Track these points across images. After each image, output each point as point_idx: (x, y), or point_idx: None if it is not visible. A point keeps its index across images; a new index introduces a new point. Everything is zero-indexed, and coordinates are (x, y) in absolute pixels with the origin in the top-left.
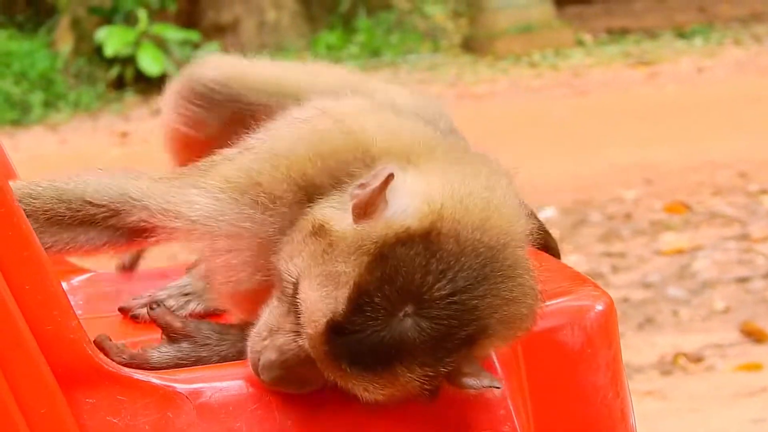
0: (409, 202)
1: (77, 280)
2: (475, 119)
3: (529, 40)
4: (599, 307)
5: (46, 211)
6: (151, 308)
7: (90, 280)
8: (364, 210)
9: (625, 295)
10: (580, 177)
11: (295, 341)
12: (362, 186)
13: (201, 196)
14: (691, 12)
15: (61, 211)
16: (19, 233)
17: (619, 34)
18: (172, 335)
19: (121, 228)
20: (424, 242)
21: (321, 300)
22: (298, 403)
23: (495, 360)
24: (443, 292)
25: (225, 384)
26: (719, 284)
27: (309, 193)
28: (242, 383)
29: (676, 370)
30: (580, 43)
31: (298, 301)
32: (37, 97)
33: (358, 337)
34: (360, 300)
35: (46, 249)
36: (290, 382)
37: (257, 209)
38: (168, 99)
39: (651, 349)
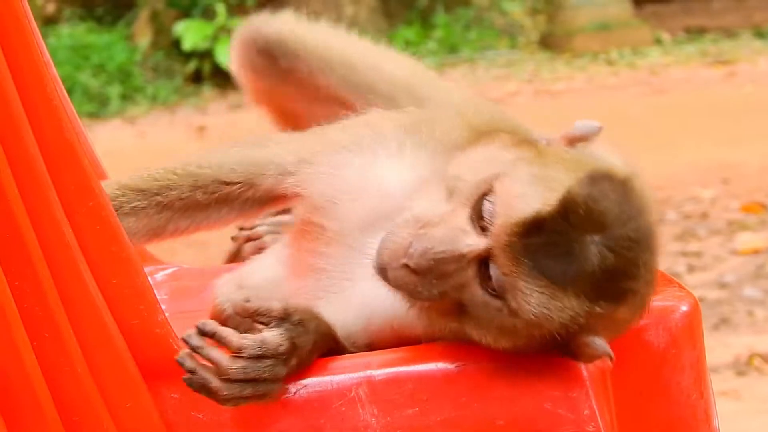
0: (607, 156)
1: (161, 274)
2: (551, 116)
3: (606, 38)
4: (684, 308)
5: (182, 199)
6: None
7: (174, 275)
8: (573, 140)
9: (700, 294)
10: (656, 175)
11: (461, 239)
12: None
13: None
14: None
15: (198, 196)
16: (107, 228)
17: (696, 33)
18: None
19: (254, 198)
20: (624, 186)
21: (529, 194)
22: (380, 400)
23: None
24: (630, 234)
25: (310, 380)
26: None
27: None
28: (328, 379)
29: (751, 370)
30: (657, 41)
31: (489, 197)
32: (114, 90)
33: (551, 239)
34: (569, 206)
35: (180, 232)
36: (425, 281)
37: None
38: (233, 47)
39: (726, 349)
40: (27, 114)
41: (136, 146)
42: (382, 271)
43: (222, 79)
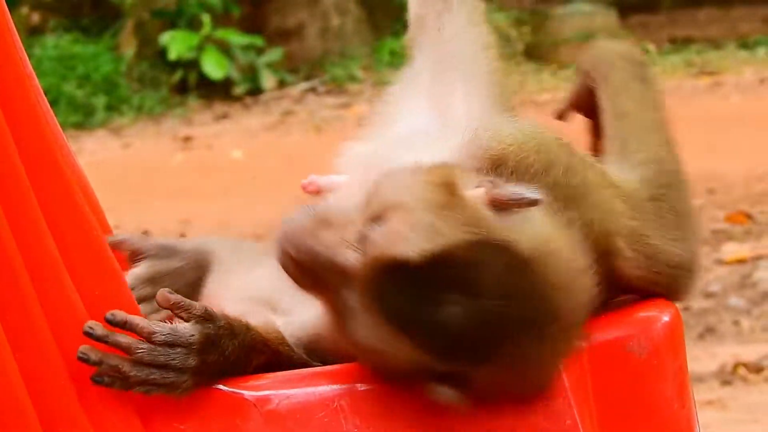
0: (524, 228)
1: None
2: None
3: None
4: (666, 318)
5: None
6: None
7: None
8: (499, 204)
9: (686, 304)
10: None
11: (338, 248)
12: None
13: None
14: (755, 22)
15: None
16: (89, 238)
17: (682, 43)
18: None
19: None
20: (518, 261)
21: (409, 238)
22: (365, 410)
23: (561, 369)
24: (499, 305)
25: (293, 391)
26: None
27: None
28: (310, 390)
29: (736, 380)
30: (644, 51)
31: (378, 223)
32: (100, 101)
33: (410, 288)
34: (441, 259)
35: None
36: (303, 275)
37: None
38: None
39: (711, 358)
40: (9, 125)
41: (122, 157)
42: (276, 248)
43: (207, 89)
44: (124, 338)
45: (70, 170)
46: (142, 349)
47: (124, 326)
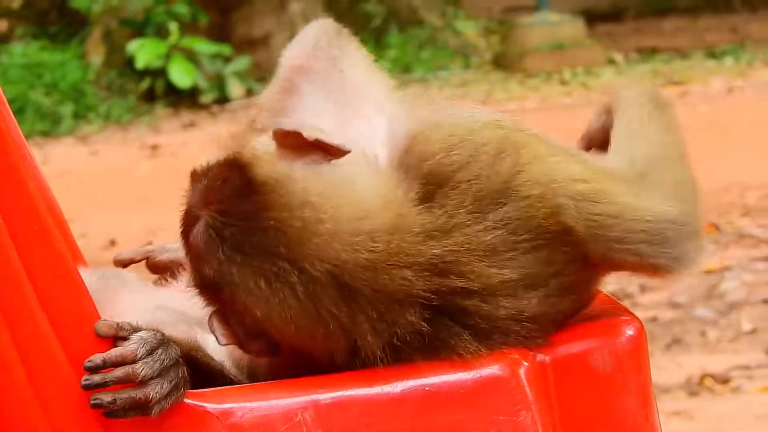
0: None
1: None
2: None
3: (560, 58)
4: (630, 332)
5: None
6: None
7: None
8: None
9: (653, 315)
10: None
11: None
12: None
13: None
14: (722, 32)
15: None
16: (52, 251)
17: (649, 53)
18: None
19: None
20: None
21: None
22: (327, 423)
23: (525, 383)
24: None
25: (255, 404)
26: (747, 305)
27: None
28: (273, 403)
29: (703, 390)
30: (610, 61)
31: None
32: (67, 109)
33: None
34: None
35: None
36: None
37: None
38: None
39: (678, 369)
40: None
41: (89, 164)
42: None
43: (175, 97)
44: (119, 371)
45: (33, 181)
46: (138, 368)
47: (105, 365)
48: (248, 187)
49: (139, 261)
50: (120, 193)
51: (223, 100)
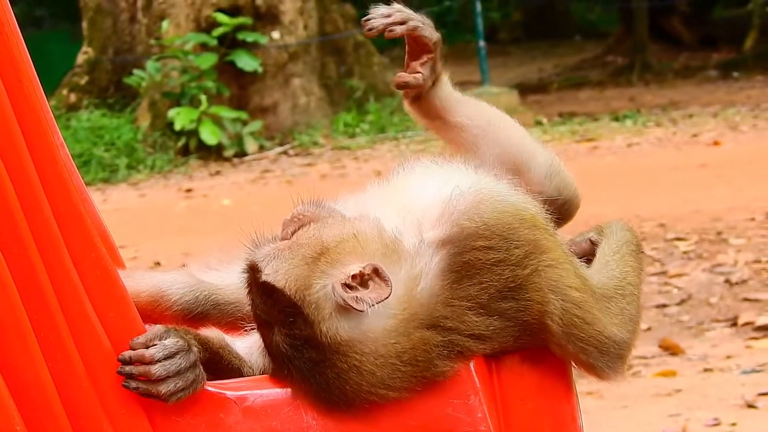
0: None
1: None
2: None
3: None
4: None
5: None
6: None
7: None
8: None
9: None
10: None
11: None
12: None
13: None
14: (623, 100)
15: None
16: (105, 272)
17: (568, 116)
18: None
19: None
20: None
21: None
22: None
23: (474, 374)
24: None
25: (265, 391)
26: (644, 309)
27: None
28: (279, 390)
29: None
30: (538, 123)
31: None
32: (122, 162)
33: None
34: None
35: None
36: None
37: None
38: None
39: None
40: (42, 185)
41: (139, 204)
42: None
43: (205, 152)
44: (139, 368)
45: (91, 218)
46: (154, 369)
47: (131, 361)
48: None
49: None
50: (162, 226)
51: (241, 154)
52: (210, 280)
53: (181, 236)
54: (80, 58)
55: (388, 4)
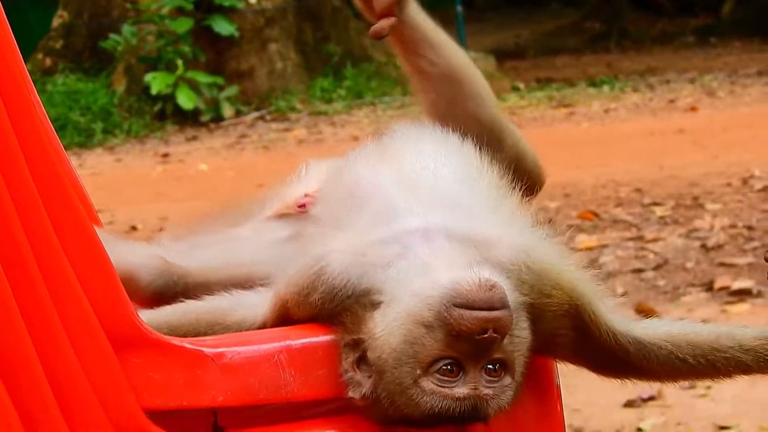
0: None
1: None
2: None
3: None
4: None
5: None
6: None
7: None
8: None
9: None
10: None
11: None
12: None
13: None
14: (600, 66)
15: None
16: (86, 236)
17: (545, 82)
18: None
19: None
20: None
21: None
22: (298, 362)
23: None
24: None
25: (242, 348)
26: (620, 274)
27: None
28: (255, 347)
29: None
30: (515, 89)
31: None
32: (98, 126)
33: None
34: None
35: None
36: None
37: None
38: None
39: None
40: (22, 149)
41: (115, 169)
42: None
43: (181, 117)
44: None
45: (70, 182)
46: None
47: None
48: None
49: None
50: (139, 191)
51: (218, 119)
52: (179, 262)
53: (158, 201)
54: (55, 22)
55: None
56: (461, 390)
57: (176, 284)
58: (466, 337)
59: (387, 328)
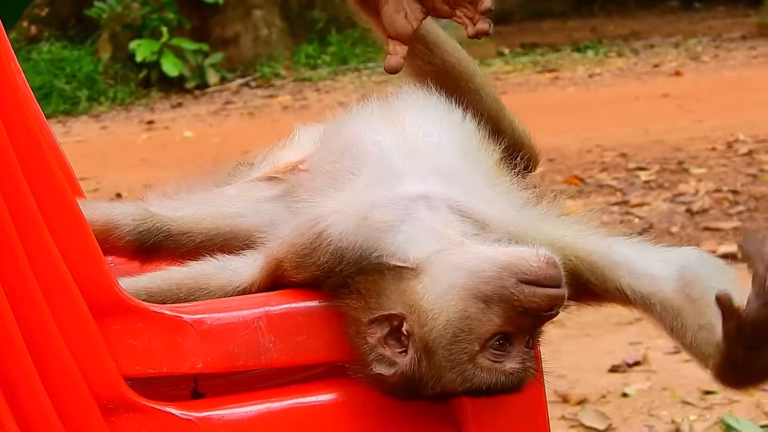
0: None
1: None
2: None
3: None
4: None
5: None
6: None
7: None
8: None
9: None
10: None
11: None
12: None
13: None
14: (585, 31)
15: None
16: (65, 202)
17: (530, 47)
18: None
19: None
20: None
21: None
22: (277, 328)
23: None
24: None
25: (222, 314)
26: None
27: None
28: (235, 314)
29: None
30: (500, 54)
31: None
32: (83, 93)
33: None
34: None
35: None
36: None
37: None
38: None
39: None
40: (1, 118)
41: (100, 136)
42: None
43: (166, 84)
44: None
45: (48, 147)
46: None
47: None
48: None
49: None
50: (124, 158)
51: (203, 86)
52: (163, 212)
53: (143, 168)
54: None
55: None
56: (512, 365)
57: (159, 231)
58: (532, 313)
59: (437, 303)
